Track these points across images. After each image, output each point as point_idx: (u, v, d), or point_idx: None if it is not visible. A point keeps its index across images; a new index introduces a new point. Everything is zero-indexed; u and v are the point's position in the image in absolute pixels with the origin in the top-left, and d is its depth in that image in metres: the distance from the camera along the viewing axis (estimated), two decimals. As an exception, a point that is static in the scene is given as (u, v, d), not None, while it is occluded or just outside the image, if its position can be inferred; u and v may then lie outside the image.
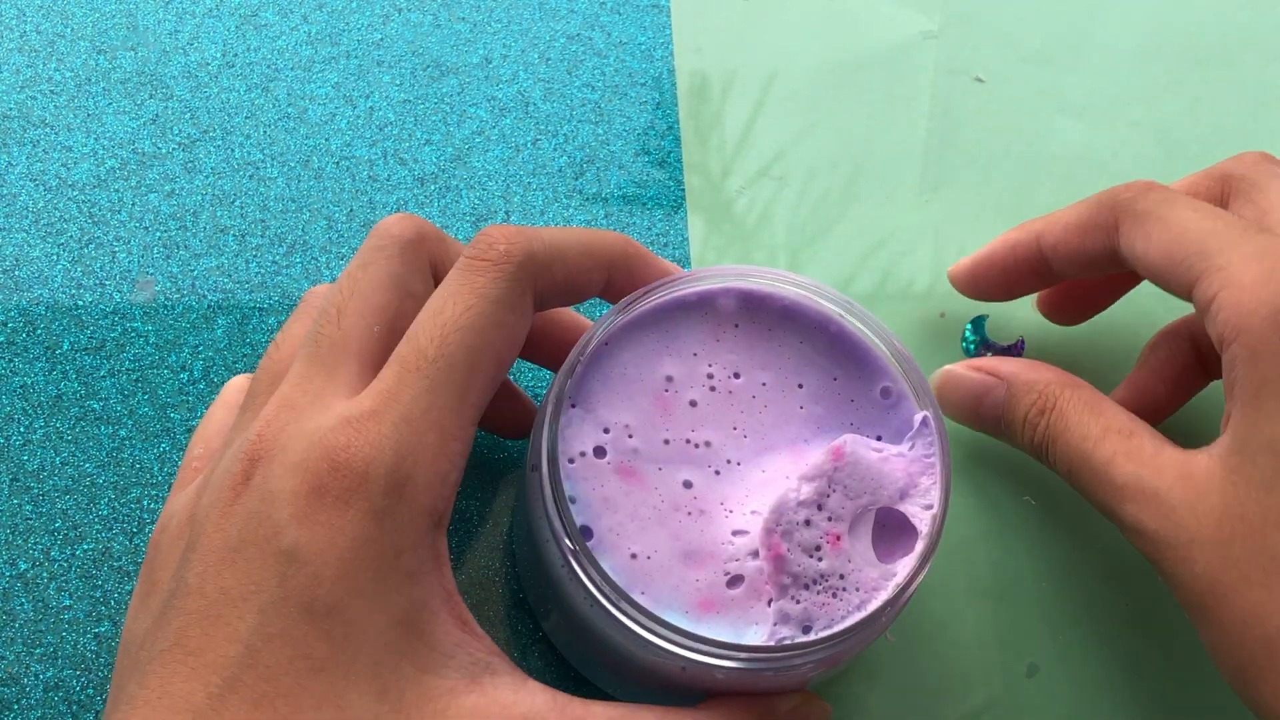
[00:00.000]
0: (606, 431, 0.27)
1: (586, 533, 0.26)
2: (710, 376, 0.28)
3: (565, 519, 0.25)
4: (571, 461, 0.27)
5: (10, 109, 0.37)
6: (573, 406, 0.27)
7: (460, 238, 0.36)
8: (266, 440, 0.25)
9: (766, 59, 0.41)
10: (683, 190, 0.38)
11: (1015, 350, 0.35)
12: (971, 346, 0.35)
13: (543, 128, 0.38)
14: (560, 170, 0.38)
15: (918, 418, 0.28)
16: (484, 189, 0.37)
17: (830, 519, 0.26)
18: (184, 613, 0.23)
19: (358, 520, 0.23)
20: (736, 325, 0.29)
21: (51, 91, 0.37)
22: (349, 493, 0.23)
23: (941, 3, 0.42)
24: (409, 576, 0.24)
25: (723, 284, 0.29)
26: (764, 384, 0.28)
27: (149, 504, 0.32)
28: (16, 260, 0.35)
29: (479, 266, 0.26)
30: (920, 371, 0.28)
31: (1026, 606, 0.33)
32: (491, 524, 0.32)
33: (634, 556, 0.26)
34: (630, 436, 0.27)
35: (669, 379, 0.28)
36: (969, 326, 0.36)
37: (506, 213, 0.37)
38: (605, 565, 0.26)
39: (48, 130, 0.37)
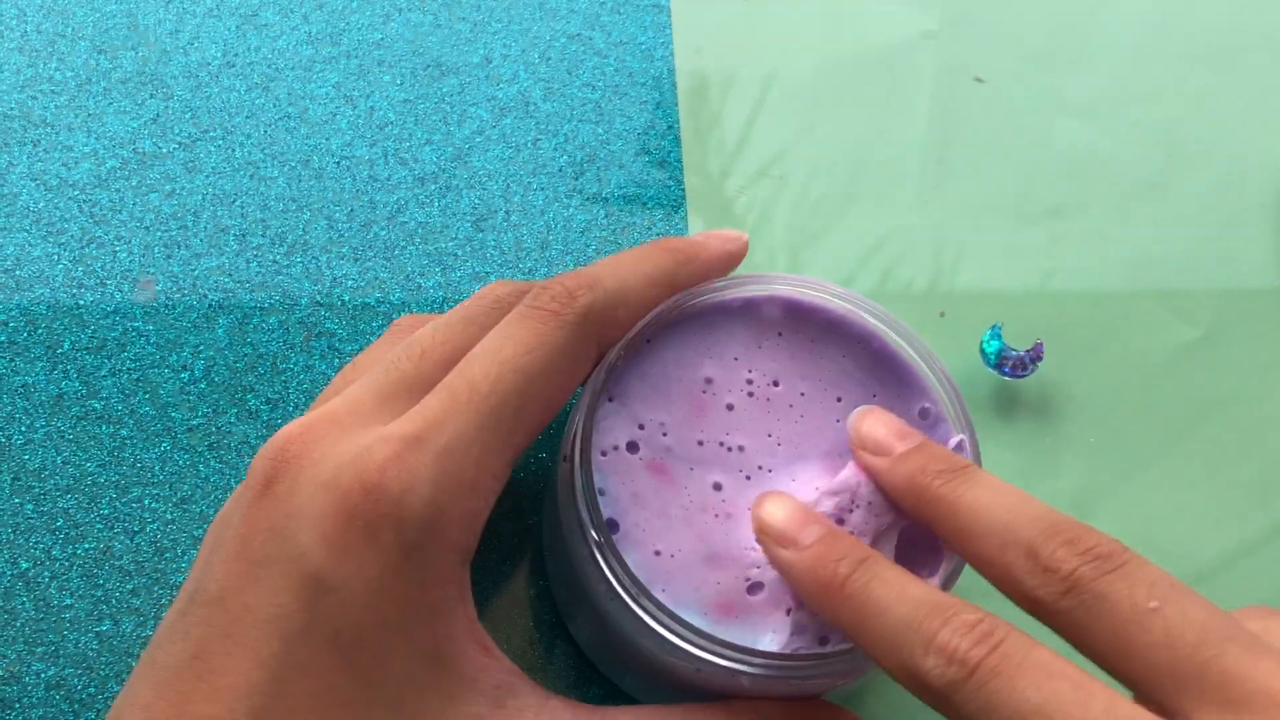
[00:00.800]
0: (641, 428, 0.27)
1: (613, 526, 0.26)
2: (750, 382, 0.28)
3: (593, 511, 0.25)
4: (604, 455, 0.27)
5: (10, 109, 0.37)
6: (609, 400, 0.27)
7: (460, 237, 0.36)
8: (296, 447, 0.24)
9: (766, 59, 0.41)
10: (683, 190, 0.38)
11: (1035, 354, 0.34)
12: (992, 358, 0.35)
13: (543, 128, 0.38)
14: (560, 170, 0.38)
15: (953, 441, 0.27)
16: (484, 189, 0.37)
17: (853, 533, 0.26)
18: (205, 623, 0.23)
19: (387, 551, 0.23)
20: (780, 334, 0.29)
21: (52, 91, 0.37)
22: (381, 519, 0.23)
23: (941, 2, 0.42)
24: (435, 612, 0.23)
25: (769, 291, 0.29)
26: (803, 394, 0.28)
27: (150, 503, 0.32)
28: (17, 260, 0.35)
29: (542, 315, 0.26)
30: (960, 395, 0.28)
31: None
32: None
33: (658, 554, 0.26)
34: (665, 434, 0.27)
35: (708, 381, 0.28)
36: (985, 337, 0.35)
37: (506, 212, 0.37)
38: (629, 560, 0.26)
39: (48, 130, 0.37)
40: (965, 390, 0.33)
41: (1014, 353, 0.35)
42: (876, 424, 0.26)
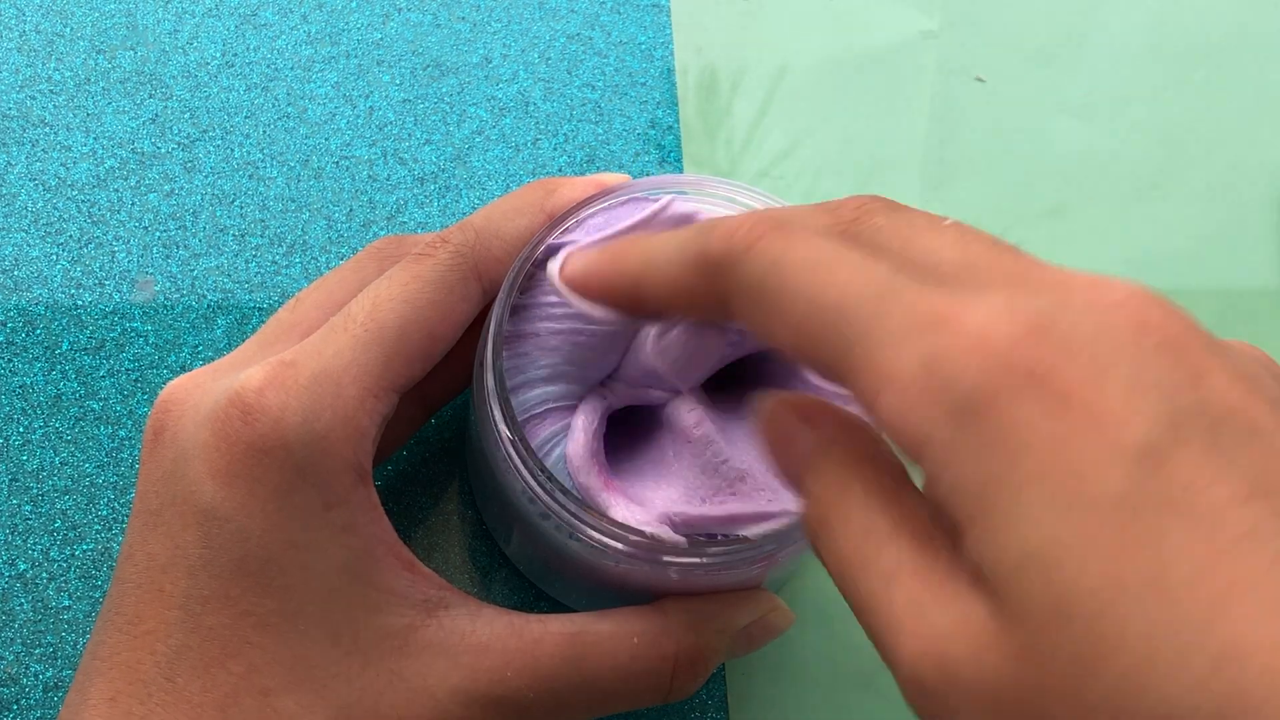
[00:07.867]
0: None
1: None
2: None
3: (505, 407, 0.25)
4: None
5: (10, 108, 0.37)
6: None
7: (460, 238, 0.36)
8: (179, 395, 0.24)
9: (766, 59, 0.41)
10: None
11: None
12: None
13: (543, 128, 0.38)
14: (560, 170, 0.38)
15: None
16: (484, 189, 0.37)
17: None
18: (120, 580, 0.24)
19: (276, 471, 0.23)
20: None
21: (51, 91, 0.37)
22: (262, 440, 0.23)
23: (942, 2, 0.42)
24: (344, 529, 0.23)
25: (662, 199, 0.28)
26: None
27: (148, 504, 0.32)
28: (16, 260, 0.35)
29: (417, 258, 0.26)
30: None
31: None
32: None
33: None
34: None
35: None
36: None
37: (506, 212, 0.37)
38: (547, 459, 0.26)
39: (47, 130, 0.37)
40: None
41: None
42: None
